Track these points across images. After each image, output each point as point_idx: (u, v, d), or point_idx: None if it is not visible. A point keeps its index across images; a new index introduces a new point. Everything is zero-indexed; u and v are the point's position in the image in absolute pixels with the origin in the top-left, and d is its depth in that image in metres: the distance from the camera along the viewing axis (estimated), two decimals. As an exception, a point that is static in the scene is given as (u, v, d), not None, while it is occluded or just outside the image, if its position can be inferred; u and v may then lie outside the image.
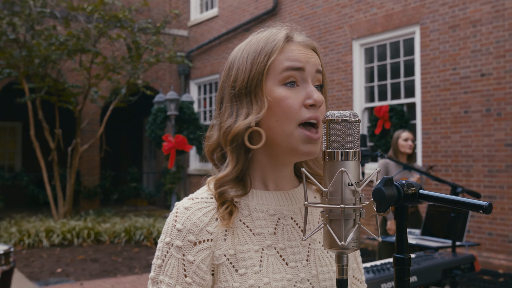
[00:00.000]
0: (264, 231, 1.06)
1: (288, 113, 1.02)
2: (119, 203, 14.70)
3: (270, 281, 1.02)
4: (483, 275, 6.63)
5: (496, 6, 6.96)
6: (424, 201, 0.84)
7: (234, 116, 1.06)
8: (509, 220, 6.81)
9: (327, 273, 1.09)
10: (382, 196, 0.82)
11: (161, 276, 1.01)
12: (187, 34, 14.03)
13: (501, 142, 6.89)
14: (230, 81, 1.09)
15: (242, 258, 1.02)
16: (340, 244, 0.90)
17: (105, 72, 10.33)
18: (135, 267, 7.60)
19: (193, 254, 1.00)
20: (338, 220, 0.91)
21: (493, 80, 6.98)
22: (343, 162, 0.91)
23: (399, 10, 8.24)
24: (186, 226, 1.01)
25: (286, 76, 1.04)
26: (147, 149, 17.04)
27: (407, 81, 8.32)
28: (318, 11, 9.80)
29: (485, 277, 6.54)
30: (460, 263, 2.80)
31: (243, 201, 1.07)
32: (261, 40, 1.08)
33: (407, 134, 5.25)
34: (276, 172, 1.10)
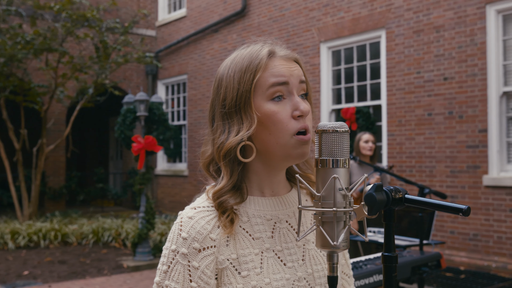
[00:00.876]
0: (262, 235, 1.14)
1: (279, 126, 1.10)
2: (85, 204, 14.53)
3: (270, 281, 1.10)
4: (446, 272, 6.86)
5: (458, 13, 7.21)
6: (409, 204, 0.93)
7: (226, 133, 1.13)
8: (470, 219, 7.07)
9: (321, 271, 1.19)
10: (374, 201, 0.91)
11: (166, 281, 1.08)
12: (155, 34, 13.97)
13: (463, 144, 7.14)
14: (220, 99, 1.16)
15: (244, 261, 1.10)
16: (333, 244, 0.99)
17: (72, 71, 10.22)
18: (104, 269, 7.57)
19: (198, 260, 1.07)
20: (330, 222, 1.00)
21: (455, 83, 7.23)
22: (334, 169, 1.00)
23: (366, 14, 8.43)
24: (191, 234, 1.08)
25: (272, 92, 1.11)
26: (113, 150, 16.89)
27: (373, 83, 8.53)
28: (286, 14, 9.92)
29: (447, 274, 6.78)
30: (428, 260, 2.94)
31: (242, 208, 1.15)
32: (245, 58, 1.15)
33: (367, 136, 5.40)
34: (271, 178, 1.18)
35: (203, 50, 12.18)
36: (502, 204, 6.75)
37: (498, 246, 6.78)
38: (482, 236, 6.94)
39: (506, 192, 6.71)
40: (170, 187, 13.19)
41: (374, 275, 2.57)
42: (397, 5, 7.98)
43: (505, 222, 6.71)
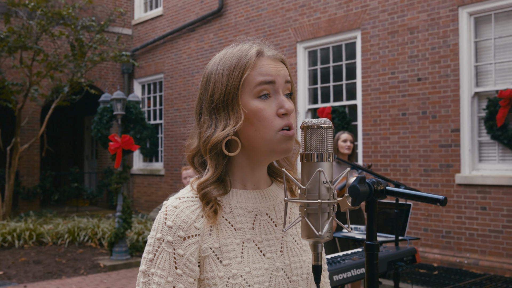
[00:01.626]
0: (244, 226, 1.19)
1: (264, 123, 1.15)
2: (60, 204, 14.37)
3: (250, 270, 1.15)
4: (420, 269, 7.01)
5: (432, 15, 7.37)
6: (390, 195, 0.99)
7: (213, 127, 1.17)
8: (442, 217, 7.24)
9: (298, 263, 1.24)
10: (357, 192, 0.97)
11: (152, 268, 1.12)
12: (131, 33, 13.90)
13: (436, 143, 7.30)
14: (208, 94, 1.20)
15: (226, 250, 1.15)
16: (317, 234, 1.04)
17: (47, 70, 10.11)
18: (80, 268, 7.52)
19: (183, 248, 1.11)
20: (315, 213, 1.05)
21: (428, 84, 7.39)
22: (319, 163, 1.06)
23: (342, 15, 8.55)
24: (176, 223, 1.12)
25: (259, 90, 1.16)
26: (88, 149, 16.74)
27: (349, 84, 8.65)
28: (263, 14, 9.99)
29: (421, 271, 6.92)
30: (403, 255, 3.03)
31: (225, 199, 1.19)
32: (234, 56, 1.19)
33: (346, 135, 5.49)
34: (254, 172, 1.23)
35: (179, 49, 12.17)
36: (473, 202, 6.92)
37: (470, 243, 6.95)
38: (455, 233, 7.11)
39: (477, 190, 6.88)
40: (146, 187, 13.14)
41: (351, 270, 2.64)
42: (372, 7, 8.11)
43: (477, 219, 6.88)
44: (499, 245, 6.68)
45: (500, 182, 6.66)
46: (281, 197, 1.30)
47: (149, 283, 1.11)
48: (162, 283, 1.10)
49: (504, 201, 6.64)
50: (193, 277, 1.12)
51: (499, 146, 6.82)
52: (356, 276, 2.67)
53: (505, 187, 6.63)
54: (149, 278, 1.12)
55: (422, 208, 7.45)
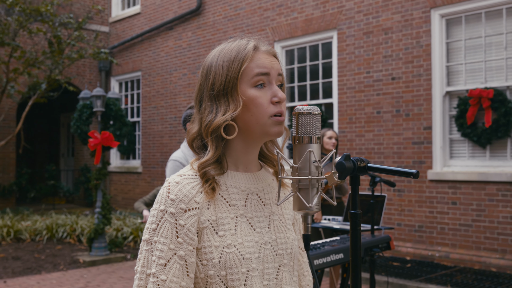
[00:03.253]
0: (237, 203, 1.34)
1: (260, 109, 1.31)
2: (36, 202, 14.28)
3: (243, 241, 1.30)
4: (393, 262, 7.25)
5: (405, 16, 7.61)
6: (371, 171, 1.15)
7: (214, 112, 1.32)
8: (415, 212, 7.49)
9: (283, 238, 1.39)
10: (343, 168, 1.13)
11: (155, 237, 1.25)
12: (108, 30, 13.89)
13: (409, 141, 7.55)
14: (209, 83, 1.35)
15: (222, 223, 1.29)
16: (308, 206, 1.20)
17: (24, 66, 10.08)
18: (59, 264, 7.56)
19: (184, 219, 1.25)
20: (306, 188, 1.21)
21: (402, 83, 7.63)
22: (309, 144, 1.22)
23: (318, 15, 8.74)
24: (179, 196, 1.27)
25: (256, 80, 1.32)
26: (64, 146, 16.64)
27: (325, 82, 8.85)
28: (241, 13, 10.13)
29: (394, 264, 7.16)
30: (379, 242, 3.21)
31: (221, 179, 1.34)
32: (233, 50, 1.35)
33: (331, 132, 5.69)
34: (247, 155, 1.39)
35: (157, 48, 12.23)
36: (445, 197, 7.18)
37: (441, 236, 7.21)
38: (427, 227, 7.36)
39: (448, 186, 7.15)
40: (124, 184, 13.16)
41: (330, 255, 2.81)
42: (348, 7, 8.32)
43: (448, 214, 7.14)
44: (469, 238, 6.95)
45: (470, 178, 6.93)
46: (270, 180, 1.45)
47: (152, 250, 1.25)
48: (165, 249, 1.24)
49: (474, 196, 6.91)
50: (192, 245, 1.26)
51: (469, 143, 7.09)
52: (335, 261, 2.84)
53: (475, 182, 6.91)
54: (152, 245, 1.25)
55: (395, 204, 7.69)
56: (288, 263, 1.38)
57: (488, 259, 6.72)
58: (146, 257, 1.25)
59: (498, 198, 6.71)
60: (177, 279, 1.23)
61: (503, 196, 6.67)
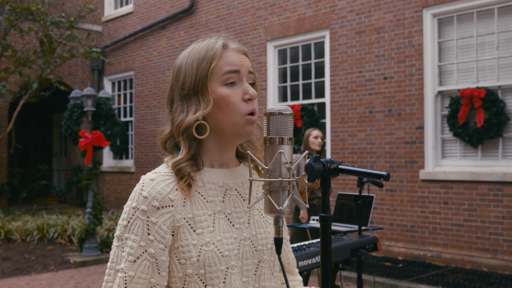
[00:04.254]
0: (215, 199, 1.32)
1: (231, 107, 1.30)
2: (28, 202, 14.20)
3: (221, 238, 1.28)
4: (385, 262, 7.23)
5: (397, 15, 7.59)
6: (342, 173, 1.12)
7: (185, 112, 1.31)
8: (407, 211, 7.47)
9: (263, 234, 1.37)
10: (312, 170, 1.10)
11: (126, 234, 1.24)
12: (101, 30, 13.83)
13: (401, 140, 7.53)
14: (179, 84, 1.34)
15: (199, 220, 1.27)
16: (278, 209, 1.17)
17: (15, 66, 10.02)
18: (50, 265, 7.51)
19: (156, 216, 1.23)
20: (276, 191, 1.17)
21: (394, 83, 7.61)
22: (280, 145, 1.18)
23: (311, 14, 8.72)
24: (151, 194, 1.24)
25: (226, 78, 1.31)
26: (57, 146, 16.56)
27: (318, 82, 8.82)
28: (233, 12, 10.09)
29: (386, 264, 7.14)
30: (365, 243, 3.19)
31: (198, 175, 1.32)
32: (202, 49, 1.34)
33: (317, 132, 5.66)
34: (222, 155, 1.37)
35: (150, 47, 12.18)
36: (436, 197, 7.17)
37: (433, 236, 7.20)
38: (419, 227, 7.35)
39: (440, 185, 7.13)
40: (116, 184, 13.11)
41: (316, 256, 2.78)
42: (341, 7, 8.30)
43: (440, 214, 7.13)
44: (461, 238, 6.94)
45: (462, 178, 6.92)
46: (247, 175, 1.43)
47: (123, 246, 1.23)
48: (135, 246, 1.22)
49: (465, 196, 6.90)
50: (164, 244, 1.23)
51: (461, 143, 7.08)
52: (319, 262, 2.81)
53: (466, 182, 6.89)
54: (122, 242, 1.24)
55: (387, 203, 7.67)
56: (268, 258, 1.37)
57: (479, 259, 6.71)
58: (116, 253, 1.24)
59: (490, 198, 6.70)
60: (146, 275, 1.22)
61: (495, 196, 6.66)
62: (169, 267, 1.26)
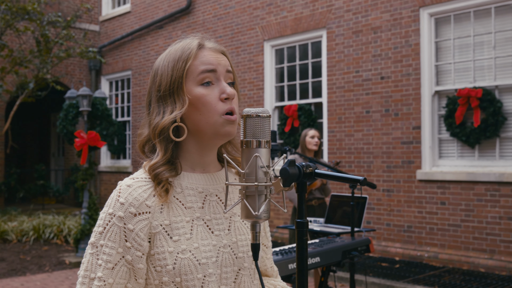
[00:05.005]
0: (194, 205, 1.28)
1: (208, 107, 1.26)
2: (25, 202, 14.16)
3: (199, 246, 1.24)
4: (382, 262, 7.19)
5: (394, 15, 7.55)
6: (318, 177, 1.09)
7: (161, 114, 1.28)
8: (404, 212, 7.44)
9: (244, 241, 1.34)
10: (287, 174, 1.06)
11: (102, 240, 1.21)
12: (99, 29, 13.80)
13: (398, 140, 7.49)
14: (156, 85, 1.31)
15: (176, 227, 1.24)
16: (254, 214, 1.13)
17: (12, 65, 9.98)
18: (45, 265, 7.48)
19: (133, 223, 1.20)
20: (253, 195, 1.14)
21: (391, 82, 7.58)
22: (257, 149, 1.15)
23: (308, 14, 8.68)
24: (128, 200, 1.22)
25: (202, 78, 1.28)
26: (55, 146, 16.53)
27: (315, 82, 8.79)
28: (231, 12, 10.06)
29: (383, 264, 7.11)
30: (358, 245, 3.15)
31: (176, 181, 1.29)
32: (178, 49, 1.31)
33: (313, 132, 5.62)
34: (203, 157, 1.33)
35: (147, 46, 12.15)
36: (433, 197, 7.14)
37: (430, 237, 7.17)
38: (416, 227, 7.31)
39: (437, 185, 7.10)
40: (114, 184, 13.07)
41: (306, 259, 2.75)
42: (337, 6, 8.26)
43: (437, 214, 7.10)
44: (458, 238, 6.90)
45: (459, 178, 6.88)
46: (231, 180, 1.40)
47: (98, 254, 1.20)
48: (113, 253, 1.19)
49: (462, 196, 6.87)
50: (141, 251, 1.21)
51: (458, 143, 7.05)
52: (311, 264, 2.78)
53: (463, 182, 6.86)
54: (97, 249, 1.21)
55: (384, 204, 7.64)
56: (249, 266, 1.33)
57: (476, 260, 6.67)
58: (90, 261, 1.21)
59: (487, 198, 6.67)
60: (124, 280, 1.20)
61: (492, 196, 6.63)
62: (146, 274, 1.23)
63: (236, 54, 9.88)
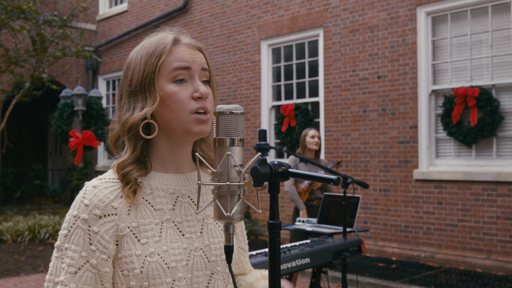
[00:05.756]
0: (164, 207, 1.24)
1: (179, 104, 1.21)
2: (22, 202, 14.11)
3: (168, 249, 1.19)
4: (378, 262, 7.15)
5: (391, 14, 7.51)
6: (291, 177, 1.04)
7: (131, 110, 1.23)
8: (401, 212, 7.39)
9: (217, 243, 1.29)
10: (258, 173, 1.02)
11: (66, 244, 1.16)
12: (95, 29, 13.75)
13: (395, 140, 7.45)
14: (128, 80, 1.26)
15: (144, 229, 1.19)
16: (226, 215, 1.08)
17: (7, 65, 9.93)
18: (39, 266, 7.43)
19: (98, 225, 1.16)
20: (225, 195, 1.09)
21: (388, 82, 7.53)
22: (230, 147, 1.10)
23: (304, 13, 8.63)
24: (93, 201, 1.17)
25: (175, 75, 1.23)
26: (52, 146, 16.48)
27: (311, 81, 8.74)
28: (227, 11, 10.01)
29: (380, 264, 7.06)
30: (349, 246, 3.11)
31: (146, 181, 1.24)
32: (152, 43, 1.26)
33: (313, 131, 5.59)
34: (175, 155, 1.28)
35: (144, 46, 12.08)
36: (430, 197, 7.09)
37: (427, 236, 7.12)
38: (413, 227, 7.26)
39: (434, 185, 7.05)
40: (111, 184, 13.01)
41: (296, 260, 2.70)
42: (334, 5, 8.21)
43: (434, 214, 7.05)
44: (454, 238, 6.86)
45: (456, 178, 6.84)
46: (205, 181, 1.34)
47: (62, 257, 1.16)
48: (76, 257, 1.15)
49: (459, 195, 6.82)
50: (107, 254, 1.16)
51: (455, 143, 7.00)
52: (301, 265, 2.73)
53: (460, 182, 6.81)
54: (62, 252, 1.16)
55: (381, 203, 7.59)
56: (222, 270, 1.29)
57: (473, 260, 6.63)
58: (55, 265, 1.17)
59: (484, 198, 6.62)
60: (89, 286, 1.16)
61: (489, 196, 6.58)
62: (113, 278, 1.19)
63: (233, 53, 9.83)
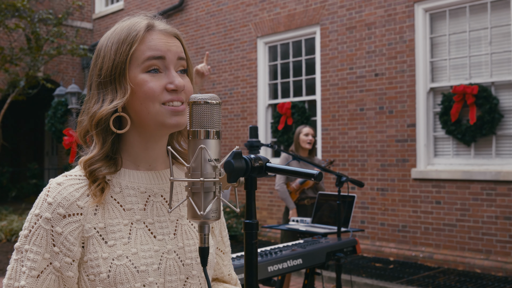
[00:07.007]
0: (134, 207, 1.14)
1: (149, 95, 1.11)
2: (18, 201, 14.00)
3: (138, 251, 1.10)
4: (375, 263, 7.06)
5: (389, 11, 7.41)
6: (270, 172, 0.95)
7: (100, 102, 1.13)
8: (399, 211, 7.30)
9: (193, 246, 1.19)
10: (232, 168, 0.93)
11: (27, 245, 1.06)
12: (91, 27, 13.66)
13: (392, 138, 7.36)
14: (97, 69, 1.15)
15: (112, 231, 1.09)
16: (200, 214, 0.99)
17: (2, 63, 9.83)
18: (33, 266, 7.33)
19: (61, 226, 1.06)
20: (198, 192, 1.00)
21: (385, 79, 7.44)
22: (205, 140, 1.01)
23: (301, 10, 8.54)
24: (57, 200, 1.07)
25: (148, 65, 1.12)
26: (48, 145, 16.39)
27: (308, 79, 8.65)
28: (224, 9, 9.92)
29: (377, 265, 6.97)
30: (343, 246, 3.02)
31: (115, 179, 1.14)
32: (124, 29, 1.15)
33: (307, 129, 5.49)
34: (148, 151, 1.18)
35: (141, 44, 12.01)
36: (428, 196, 7.00)
37: (425, 236, 7.03)
38: (410, 227, 7.18)
39: (432, 184, 6.96)
40: (107, 183, 12.94)
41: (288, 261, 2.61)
42: (331, 2, 8.12)
43: (432, 213, 6.96)
44: (453, 238, 6.77)
45: (454, 177, 6.75)
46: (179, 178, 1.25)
47: (23, 260, 1.06)
48: (38, 259, 1.06)
49: (458, 195, 6.73)
50: (71, 257, 1.07)
51: (454, 141, 6.91)
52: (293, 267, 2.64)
53: (459, 181, 6.72)
54: (22, 254, 1.07)
55: (379, 203, 7.50)
56: (198, 274, 1.19)
57: (472, 260, 6.54)
58: (14, 268, 1.07)
59: (483, 197, 6.53)
60: None
61: (488, 195, 6.49)
62: (78, 283, 1.09)
63: (229, 51, 9.74)
